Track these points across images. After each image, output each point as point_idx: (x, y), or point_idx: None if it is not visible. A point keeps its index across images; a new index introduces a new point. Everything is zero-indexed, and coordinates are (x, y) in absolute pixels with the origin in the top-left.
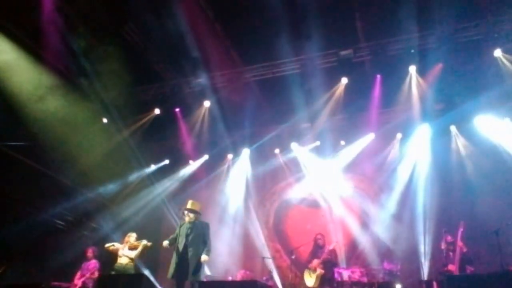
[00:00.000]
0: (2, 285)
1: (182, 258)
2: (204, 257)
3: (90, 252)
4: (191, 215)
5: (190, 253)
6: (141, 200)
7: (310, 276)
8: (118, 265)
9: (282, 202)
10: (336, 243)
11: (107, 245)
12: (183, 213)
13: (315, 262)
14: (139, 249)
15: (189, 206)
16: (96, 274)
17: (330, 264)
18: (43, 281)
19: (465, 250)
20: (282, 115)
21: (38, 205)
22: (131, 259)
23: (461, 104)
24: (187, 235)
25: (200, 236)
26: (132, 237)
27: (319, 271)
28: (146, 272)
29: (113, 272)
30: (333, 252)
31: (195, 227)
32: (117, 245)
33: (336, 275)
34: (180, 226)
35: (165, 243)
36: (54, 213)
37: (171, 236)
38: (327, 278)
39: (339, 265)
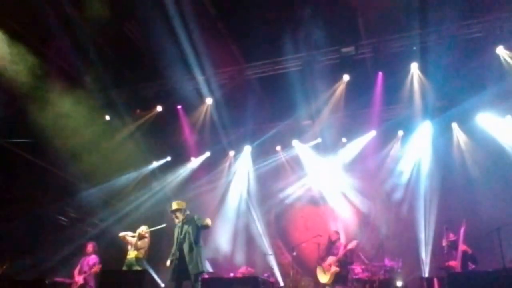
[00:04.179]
0: (6, 281)
1: (180, 256)
2: (206, 221)
3: (90, 247)
4: (178, 215)
5: (185, 250)
6: (144, 196)
7: (324, 273)
8: (127, 260)
9: (284, 199)
10: (357, 242)
11: (121, 234)
12: (172, 217)
13: (331, 259)
14: (147, 236)
15: (173, 207)
16: (97, 268)
17: (345, 263)
18: (46, 277)
19: (470, 252)
20: (283, 112)
21: (41, 202)
22: (139, 251)
23: (463, 101)
24: (179, 235)
25: (191, 231)
26: (142, 228)
27: (334, 268)
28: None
29: (124, 268)
30: (350, 251)
31: (184, 225)
32: (129, 237)
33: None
34: (176, 229)
35: (167, 262)
36: (57, 210)
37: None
38: (342, 276)
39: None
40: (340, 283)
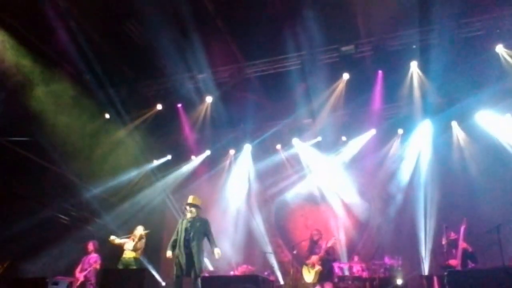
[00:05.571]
0: (7, 280)
1: (186, 253)
2: (217, 251)
3: (91, 246)
4: (193, 210)
5: (194, 249)
6: (144, 195)
7: (309, 272)
8: (124, 259)
9: (284, 197)
10: (335, 239)
11: (111, 237)
12: (185, 209)
13: (314, 258)
14: (144, 237)
15: (190, 201)
16: (98, 266)
17: (327, 261)
18: (48, 276)
19: (470, 250)
20: (283, 111)
21: (42, 201)
22: (137, 251)
23: (462, 100)
24: (188, 231)
25: (201, 232)
26: (138, 229)
27: (317, 267)
28: (149, 267)
29: (120, 267)
30: (331, 249)
31: (196, 222)
32: (118, 240)
33: (337, 270)
34: (181, 222)
35: (169, 253)
36: (58, 209)
37: (172, 240)
38: (325, 274)
39: (340, 260)
40: (326, 281)
